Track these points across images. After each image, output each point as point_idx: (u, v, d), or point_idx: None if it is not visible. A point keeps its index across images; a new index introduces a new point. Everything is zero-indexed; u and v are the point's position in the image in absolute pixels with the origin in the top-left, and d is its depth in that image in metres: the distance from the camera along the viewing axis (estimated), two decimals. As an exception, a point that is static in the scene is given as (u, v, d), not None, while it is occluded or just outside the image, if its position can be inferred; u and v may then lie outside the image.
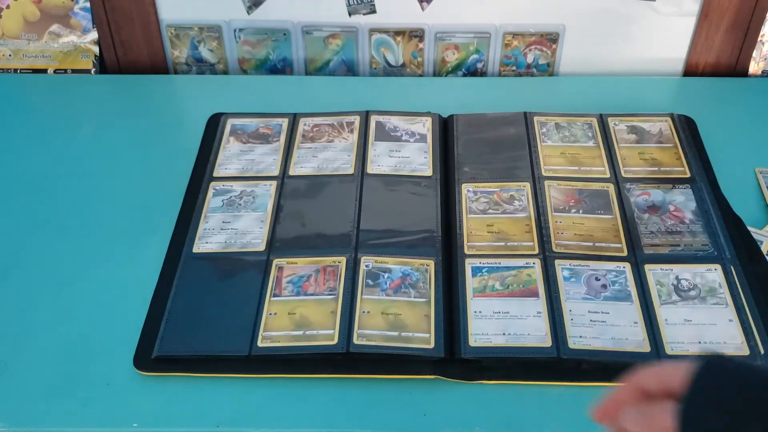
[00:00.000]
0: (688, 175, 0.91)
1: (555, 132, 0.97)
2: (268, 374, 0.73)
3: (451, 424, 0.69)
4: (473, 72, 1.14)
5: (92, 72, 1.12)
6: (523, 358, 0.73)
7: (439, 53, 1.12)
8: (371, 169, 0.92)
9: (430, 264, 0.81)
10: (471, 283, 0.79)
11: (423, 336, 0.74)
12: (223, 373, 0.73)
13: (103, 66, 1.13)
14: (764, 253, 0.82)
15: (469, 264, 0.81)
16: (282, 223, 0.86)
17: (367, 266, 0.81)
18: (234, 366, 0.73)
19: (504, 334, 0.74)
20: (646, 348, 0.73)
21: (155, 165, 0.96)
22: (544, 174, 0.91)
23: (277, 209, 0.88)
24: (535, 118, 0.99)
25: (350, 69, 1.14)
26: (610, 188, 0.90)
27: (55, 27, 1.11)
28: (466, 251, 0.82)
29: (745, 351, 0.73)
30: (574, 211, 0.87)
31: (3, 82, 1.10)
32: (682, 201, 0.88)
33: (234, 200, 0.89)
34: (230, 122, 1.00)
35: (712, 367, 0.51)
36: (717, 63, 1.11)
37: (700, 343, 0.74)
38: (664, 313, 0.76)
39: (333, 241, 0.84)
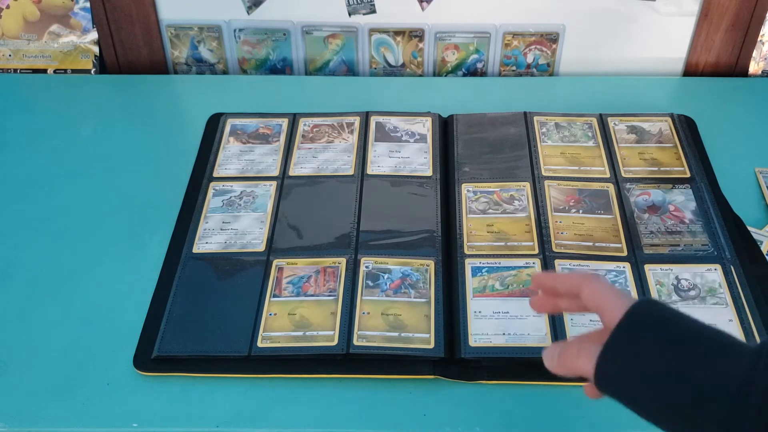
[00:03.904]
0: (688, 175, 0.91)
1: (555, 132, 0.97)
2: (268, 374, 0.73)
3: (451, 424, 0.69)
4: (473, 72, 1.14)
5: (92, 72, 1.12)
6: (523, 358, 0.73)
7: (439, 53, 1.12)
8: (371, 169, 0.92)
9: (430, 264, 0.81)
10: (471, 283, 0.79)
11: (423, 336, 0.74)
12: (223, 373, 0.73)
13: (103, 66, 1.13)
14: (764, 253, 0.82)
15: (469, 264, 0.81)
16: (282, 224, 0.86)
17: (366, 267, 0.81)
18: (234, 366, 0.73)
19: (504, 334, 0.74)
20: (646, 348, 0.73)
21: (155, 165, 0.96)
22: (544, 174, 0.91)
23: (277, 210, 0.88)
24: (535, 118, 0.99)
25: (350, 69, 1.14)
26: (610, 188, 0.90)
27: (55, 27, 1.11)
28: (466, 251, 0.82)
29: (745, 351, 0.73)
30: (574, 211, 0.87)
31: (3, 82, 1.10)
32: (682, 201, 0.88)
33: (234, 200, 0.89)
34: (230, 122, 1.00)
35: (638, 316, 0.51)
36: (717, 63, 1.11)
37: (700, 343, 0.74)
38: (664, 313, 0.76)
39: (333, 242, 0.84)
